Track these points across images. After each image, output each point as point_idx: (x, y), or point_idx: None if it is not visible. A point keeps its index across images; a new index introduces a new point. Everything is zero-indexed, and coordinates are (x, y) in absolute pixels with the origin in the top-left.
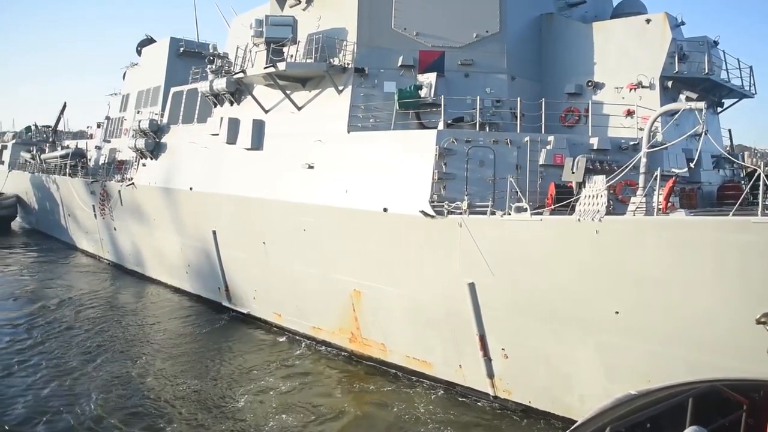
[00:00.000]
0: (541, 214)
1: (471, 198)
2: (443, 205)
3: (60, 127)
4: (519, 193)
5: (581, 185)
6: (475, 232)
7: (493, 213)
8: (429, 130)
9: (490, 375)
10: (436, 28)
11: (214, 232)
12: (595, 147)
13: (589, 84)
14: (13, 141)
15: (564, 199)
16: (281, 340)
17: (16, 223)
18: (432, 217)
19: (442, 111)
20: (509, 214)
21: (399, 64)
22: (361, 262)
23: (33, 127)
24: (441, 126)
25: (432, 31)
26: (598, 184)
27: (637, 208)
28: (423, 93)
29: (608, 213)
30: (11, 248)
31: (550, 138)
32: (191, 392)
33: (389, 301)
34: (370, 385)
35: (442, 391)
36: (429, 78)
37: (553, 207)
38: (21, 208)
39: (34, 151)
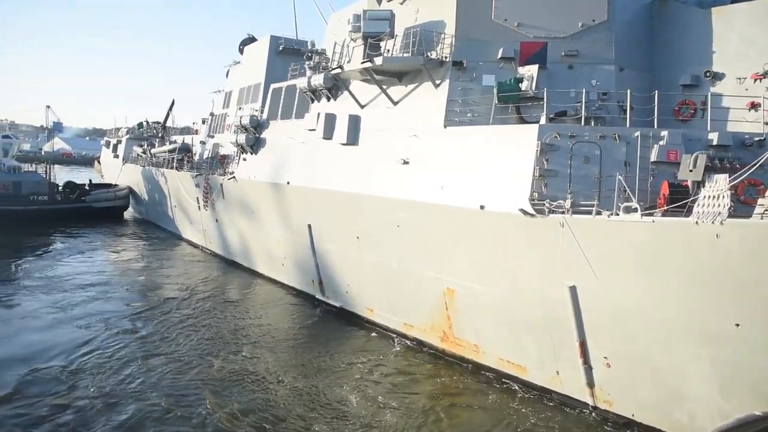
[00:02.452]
0: (652, 215)
1: (574, 196)
2: (544, 204)
3: (168, 123)
4: (628, 191)
5: (699, 185)
6: (578, 232)
7: (598, 213)
8: (530, 124)
9: (590, 384)
10: (539, 19)
11: (310, 226)
12: (714, 143)
13: (708, 74)
14: (127, 136)
15: (679, 200)
16: (373, 335)
17: (128, 213)
18: (532, 215)
19: (544, 105)
20: (617, 214)
21: (498, 56)
22: (456, 260)
23: (144, 123)
24: (543, 120)
25: (534, 22)
26: (720, 183)
27: (766, 210)
28: (524, 86)
29: (730, 216)
30: (124, 236)
31: (664, 133)
32: (291, 388)
33: (483, 301)
34: (462, 386)
35: (537, 397)
36: (530, 70)
37: (666, 208)
38: (133, 199)
39: (145, 146)
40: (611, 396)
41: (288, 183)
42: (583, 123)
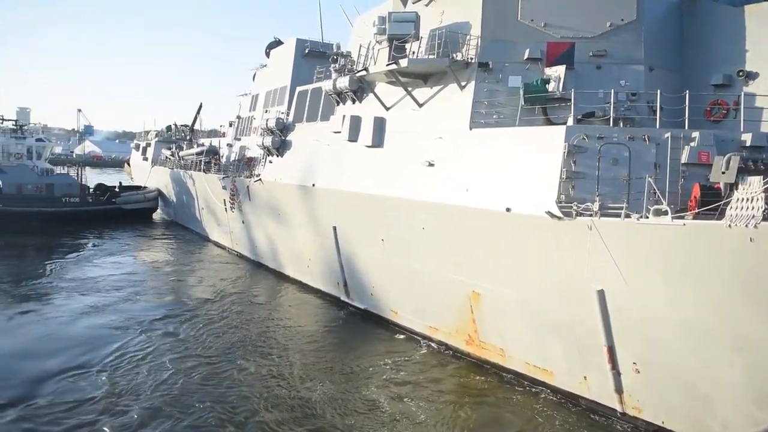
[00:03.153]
0: (683, 218)
1: (603, 199)
2: (571, 206)
3: (196, 126)
4: (658, 194)
5: (732, 187)
6: (606, 235)
7: (627, 215)
8: (557, 126)
9: (619, 390)
10: (566, 19)
11: (335, 228)
12: (747, 144)
13: (740, 74)
14: (156, 139)
15: (711, 202)
16: (399, 337)
17: (157, 215)
18: (559, 218)
19: (571, 106)
20: (646, 217)
21: (525, 57)
22: (481, 263)
23: (173, 126)
24: (570, 122)
25: (561, 22)
26: (754, 185)
27: None
28: (551, 87)
29: (764, 219)
30: (153, 237)
31: (695, 134)
32: (322, 392)
33: (510, 304)
34: (488, 390)
35: (564, 403)
36: (557, 71)
37: (697, 210)
38: (161, 201)
39: (174, 149)
40: (640, 402)
41: (313, 185)
42: (611, 124)
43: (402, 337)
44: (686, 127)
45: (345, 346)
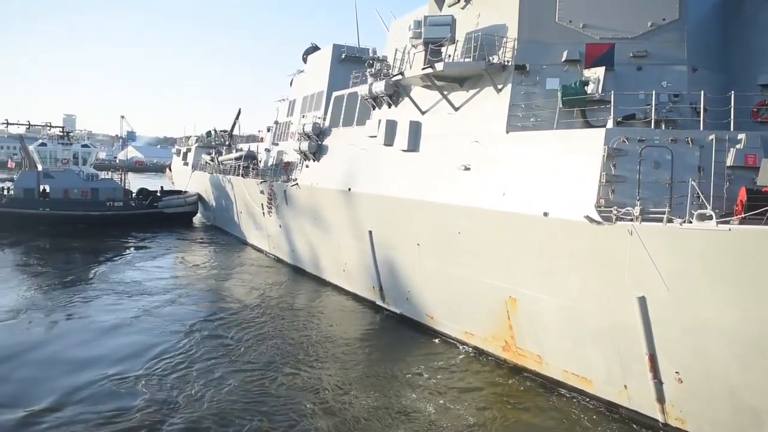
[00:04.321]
0: (729, 222)
1: (644, 203)
2: (611, 211)
3: (235, 132)
4: (702, 198)
5: None
6: (648, 241)
7: (670, 220)
8: (596, 128)
9: (661, 399)
10: (605, 19)
11: (371, 232)
12: None
13: None
14: (196, 144)
15: (758, 207)
16: (436, 342)
17: (197, 219)
18: (598, 223)
19: (611, 108)
20: (690, 222)
21: (563, 59)
22: (518, 268)
23: (213, 132)
24: (610, 124)
25: (600, 23)
26: None
27: None
28: (589, 89)
29: None
30: (193, 241)
31: (741, 136)
32: (364, 399)
33: (547, 310)
34: (526, 397)
35: (603, 412)
36: (596, 73)
37: (744, 215)
38: (201, 205)
39: (213, 154)
40: (684, 413)
41: (349, 189)
42: (653, 126)
43: (438, 342)
44: (732, 129)
45: (383, 351)
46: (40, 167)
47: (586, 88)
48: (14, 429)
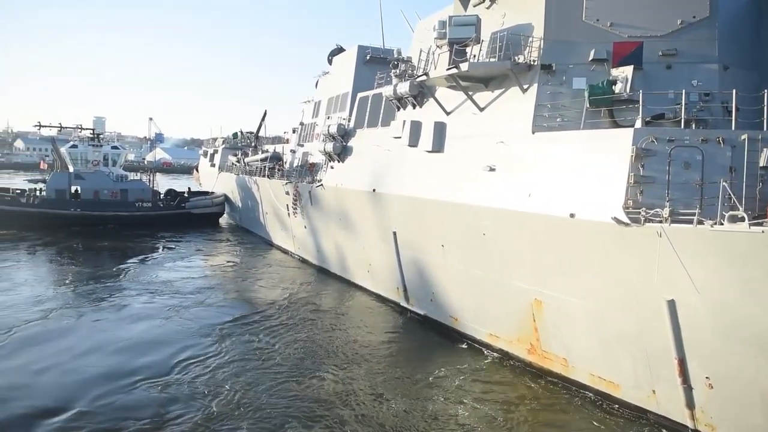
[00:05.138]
0: (762, 224)
1: (673, 204)
2: (640, 212)
3: (261, 133)
4: (734, 199)
5: None
6: (677, 243)
7: (700, 222)
8: (624, 128)
9: (690, 405)
10: (633, 17)
11: (395, 233)
12: None
13: None
14: (223, 146)
15: None
16: (460, 345)
17: (223, 219)
18: (626, 224)
19: (640, 107)
20: (721, 223)
21: (590, 58)
22: (544, 270)
23: (239, 133)
24: (638, 124)
25: (628, 21)
26: None
27: None
28: (617, 88)
29: None
30: (220, 241)
31: None
32: (393, 404)
33: (574, 313)
34: (552, 402)
35: (631, 416)
36: (624, 72)
37: None
38: (228, 206)
39: (239, 155)
40: (714, 420)
41: (374, 190)
42: (682, 126)
43: (463, 344)
44: (765, 129)
45: (409, 354)
46: (71, 169)
47: (613, 87)
48: (40, 427)
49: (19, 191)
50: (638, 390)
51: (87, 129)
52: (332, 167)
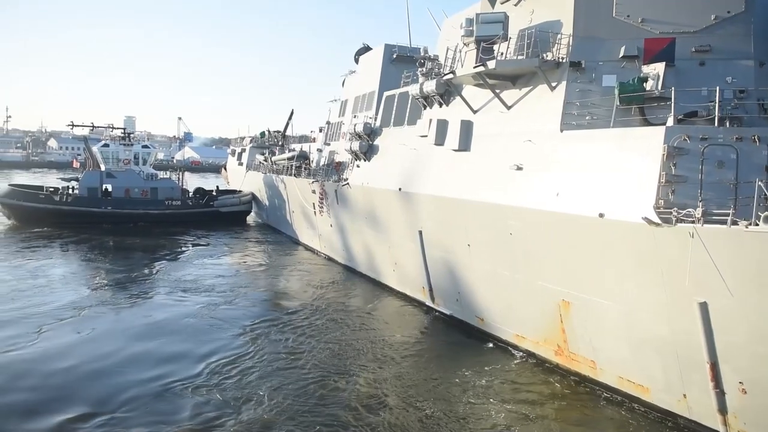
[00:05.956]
0: None
1: (706, 204)
2: (671, 212)
3: (288, 132)
4: None
5: None
6: (710, 244)
7: (734, 222)
8: (655, 127)
9: (722, 410)
10: (665, 13)
11: (420, 233)
12: None
13: None
14: (251, 145)
15: None
16: (486, 345)
17: (251, 218)
18: (657, 225)
19: (672, 105)
20: (756, 224)
21: (621, 55)
22: (572, 271)
23: (266, 132)
24: (670, 122)
25: (660, 17)
26: None
27: None
28: (648, 86)
29: None
30: (247, 239)
31: None
32: (419, 406)
33: (602, 315)
34: (579, 405)
35: (660, 420)
36: (656, 69)
37: None
38: (255, 204)
39: (267, 154)
40: (747, 426)
41: (400, 189)
42: (716, 124)
43: (489, 345)
44: None
45: (435, 354)
46: (103, 167)
47: (644, 84)
48: (74, 429)
49: (52, 189)
50: (668, 394)
51: (118, 128)
52: (358, 166)
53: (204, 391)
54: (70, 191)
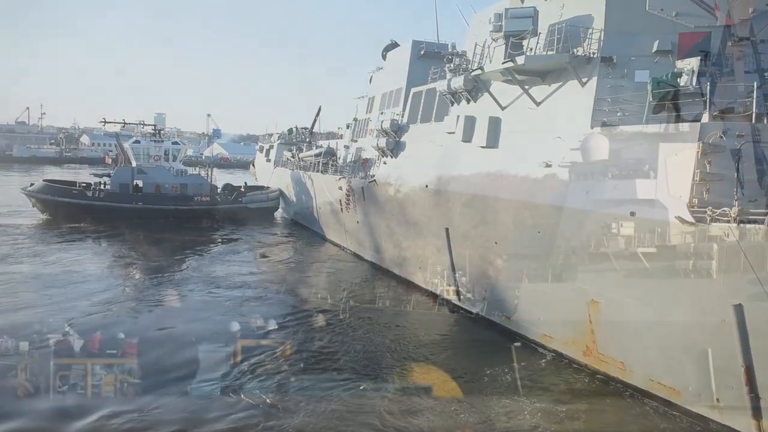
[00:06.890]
0: None
1: (742, 204)
2: (706, 211)
3: (315, 129)
4: None
5: None
6: (746, 244)
7: None
8: (690, 123)
9: (757, 416)
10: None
11: (447, 230)
12: None
13: None
14: (278, 141)
15: None
16: (514, 344)
17: (278, 214)
18: (691, 224)
19: (707, 101)
20: None
21: (654, 49)
22: (602, 270)
23: (294, 129)
24: (705, 118)
25: (695, 10)
26: None
27: None
28: (683, 81)
29: None
30: (275, 235)
31: None
32: (452, 404)
33: (633, 316)
34: (609, 405)
35: (691, 425)
36: (690, 63)
37: None
38: (282, 201)
39: (294, 150)
40: None
41: (426, 186)
42: (753, 120)
43: (516, 344)
44: None
45: (464, 353)
46: (134, 163)
47: (678, 80)
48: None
49: (85, 185)
50: (700, 397)
51: (149, 125)
52: (385, 163)
53: (231, 392)
54: (103, 187)
